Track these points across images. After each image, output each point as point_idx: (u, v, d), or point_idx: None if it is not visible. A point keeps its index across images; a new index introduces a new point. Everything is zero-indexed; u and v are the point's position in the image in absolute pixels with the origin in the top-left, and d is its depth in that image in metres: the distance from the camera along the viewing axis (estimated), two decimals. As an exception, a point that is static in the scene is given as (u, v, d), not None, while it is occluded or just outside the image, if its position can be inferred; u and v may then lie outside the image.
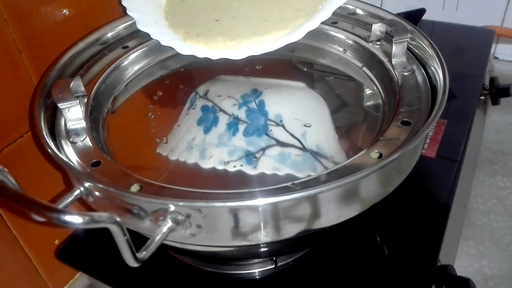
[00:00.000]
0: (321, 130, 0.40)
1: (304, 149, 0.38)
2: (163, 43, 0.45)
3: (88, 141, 0.37)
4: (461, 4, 0.89)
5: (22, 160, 0.43)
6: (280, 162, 0.37)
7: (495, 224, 0.65)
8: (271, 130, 0.40)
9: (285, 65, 0.49)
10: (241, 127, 0.40)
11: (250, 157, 0.38)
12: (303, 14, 0.44)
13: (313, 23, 0.42)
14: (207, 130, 0.40)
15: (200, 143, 0.39)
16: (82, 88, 0.41)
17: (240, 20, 0.45)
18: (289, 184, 0.32)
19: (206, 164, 0.37)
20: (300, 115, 0.41)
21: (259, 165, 0.37)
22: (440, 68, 0.39)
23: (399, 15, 0.46)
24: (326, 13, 0.42)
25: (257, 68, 0.47)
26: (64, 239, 0.49)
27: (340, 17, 0.51)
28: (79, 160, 0.35)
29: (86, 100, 0.41)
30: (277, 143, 0.39)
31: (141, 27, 0.46)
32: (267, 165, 0.37)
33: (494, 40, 0.84)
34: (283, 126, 0.40)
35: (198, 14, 0.47)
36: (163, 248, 0.32)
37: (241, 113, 0.42)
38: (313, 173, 0.34)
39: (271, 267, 0.43)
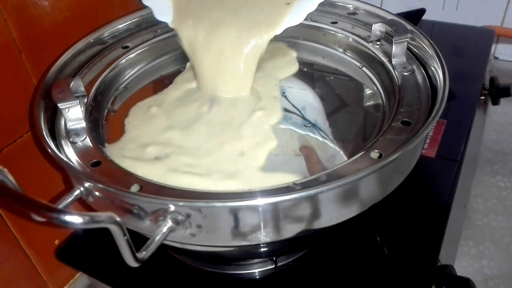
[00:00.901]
0: (318, 111, 0.43)
1: (303, 118, 0.41)
2: None
3: (88, 141, 0.37)
4: (461, 4, 0.89)
5: (22, 160, 0.43)
6: (283, 120, 0.41)
7: (495, 224, 0.65)
8: None
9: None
10: None
11: None
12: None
13: (312, 5, 0.42)
14: None
15: None
16: (82, 88, 0.41)
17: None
18: (289, 184, 0.32)
19: None
20: (301, 94, 0.44)
21: None
22: (440, 68, 0.39)
23: (399, 15, 0.46)
24: None
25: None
26: (64, 239, 0.49)
27: (340, 17, 0.51)
28: (79, 160, 0.35)
29: (86, 100, 0.41)
30: None
31: (159, 17, 0.46)
32: None
33: (494, 40, 0.84)
34: (285, 97, 0.43)
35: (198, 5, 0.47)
36: (163, 248, 0.32)
37: None
38: (312, 135, 0.39)
39: (271, 267, 0.43)
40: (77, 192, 0.32)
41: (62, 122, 0.38)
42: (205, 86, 0.44)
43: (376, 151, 0.33)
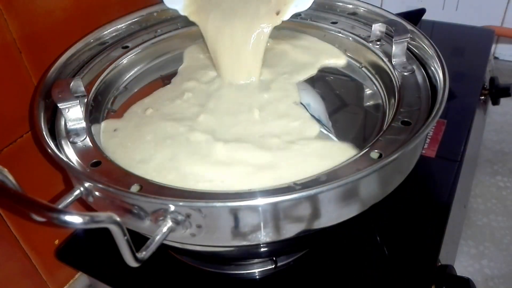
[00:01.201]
0: (320, 109, 0.43)
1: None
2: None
3: (88, 141, 0.37)
4: (461, 4, 0.89)
5: (22, 160, 0.43)
6: None
7: (495, 224, 0.65)
8: None
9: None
10: None
11: None
12: None
13: None
14: None
15: None
16: (82, 88, 0.41)
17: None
18: (289, 184, 0.32)
19: None
20: (303, 94, 0.44)
21: None
22: (440, 68, 0.39)
23: (399, 15, 0.46)
24: None
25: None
26: (64, 239, 0.49)
27: (340, 17, 0.51)
28: (79, 160, 0.35)
29: (86, 100, 0.41)
30: None
31: (169, 4, 0.48)
32: None
33: (494, 40, 0.84)
34: None
35: None
36: (163, 248, 0.32)
37: None
38: (316, 126, 0.39)
39: (271, 267, 0.43)
40: (77, 192, 0.32)
41: (62, 122, 0.38)
42: (221, 72, 0.45)
43: (376, 151, 0.33)
